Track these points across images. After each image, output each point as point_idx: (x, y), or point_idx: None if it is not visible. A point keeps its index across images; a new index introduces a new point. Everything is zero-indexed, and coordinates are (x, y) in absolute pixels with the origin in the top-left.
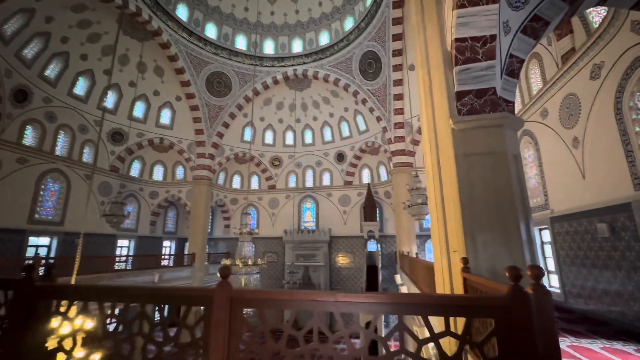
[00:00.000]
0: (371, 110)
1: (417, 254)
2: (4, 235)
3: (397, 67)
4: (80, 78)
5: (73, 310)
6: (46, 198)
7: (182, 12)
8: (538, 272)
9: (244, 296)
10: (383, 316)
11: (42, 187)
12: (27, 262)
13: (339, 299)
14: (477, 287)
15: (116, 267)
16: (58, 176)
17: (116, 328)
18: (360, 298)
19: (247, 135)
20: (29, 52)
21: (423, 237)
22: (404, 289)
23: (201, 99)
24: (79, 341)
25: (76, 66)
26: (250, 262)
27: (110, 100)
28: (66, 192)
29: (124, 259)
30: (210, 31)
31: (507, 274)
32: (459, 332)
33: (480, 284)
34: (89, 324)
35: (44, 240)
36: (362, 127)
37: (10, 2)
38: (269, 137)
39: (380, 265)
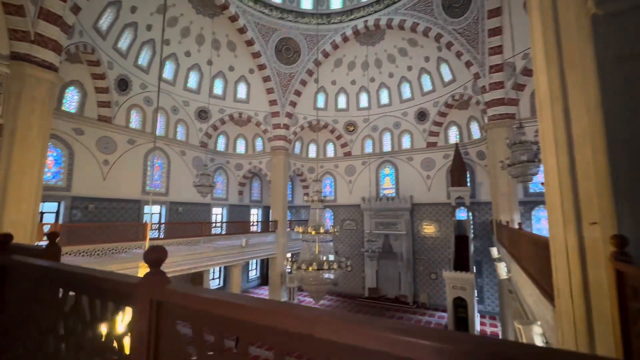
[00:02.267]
0: (458, 54)
1: (519, 224)
2: (125, 204)
3: None
4: (167, 62)
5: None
6: (153, 172)
7: None
8: None
9: (173, 300)
10: (476, 290)
11: (149, 163)
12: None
13: (328, 335)
14: None
15: (213, 232)
16: (160, 153)
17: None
18: (369, 339)
19: (320, 101)
20: (123, 43)
21: (528, 203)
22: (501, 266)
23: (272, 69)
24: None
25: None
26: (322, 230)
27: (193, 81)
28: (167, 166)
29: (217, 224)
30: None
31: None
32: None
33: None
34: None
35: (155, 209)
36: (448, 77)
37: None
38: (342, 102)
39: (471, 236)
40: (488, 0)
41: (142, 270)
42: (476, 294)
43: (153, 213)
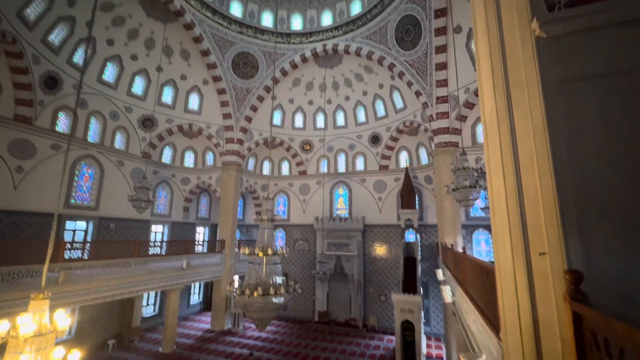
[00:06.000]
0: (409, 84)
1: (464, 247)
2: (41, 219)
3: (440, 31)
4: (108, 64)
5: None
6: (81, 183)
7: None
8: None
9: None
10: (422, 312)
11: (77, 172)
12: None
13: None
14: None
15: (151, 253)
16: (92, 162)
17: None
18: None
19: (277, 119)
20: (55, 37)
21: (470, 226)
22: (446, 289)
23: (228, 81)
24: None
25: (103, 52)
26: (270, 252)
27: (138, 86)
28: (100, 177)
29: (155, 244)
30: (236, 9)
31: None
32: None
33: None
34: None
35: (81, 225)
36: (399, 104)
37: None
38: (298, 121)
39: (419, 257)
40: (435, 38)
41: (34, 303)
42: (423, 316)
43: (77, 229)
